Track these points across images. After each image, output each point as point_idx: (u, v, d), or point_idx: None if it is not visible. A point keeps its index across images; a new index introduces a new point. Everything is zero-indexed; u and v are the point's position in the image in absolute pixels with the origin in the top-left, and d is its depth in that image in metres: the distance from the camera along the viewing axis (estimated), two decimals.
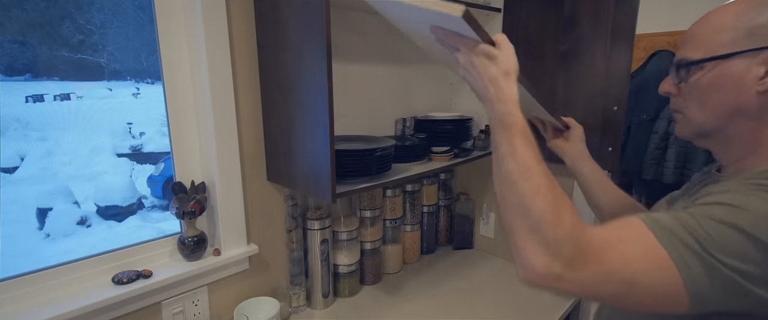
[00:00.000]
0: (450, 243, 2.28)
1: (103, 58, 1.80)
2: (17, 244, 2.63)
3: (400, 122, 1.88)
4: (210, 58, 1.32)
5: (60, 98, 2.08)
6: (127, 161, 3.51)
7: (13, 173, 2.72)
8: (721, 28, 0.76)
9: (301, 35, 1.24)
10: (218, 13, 1.32)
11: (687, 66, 0.81)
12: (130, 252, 1.37)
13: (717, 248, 0.64)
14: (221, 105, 1.37)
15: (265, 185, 1.56)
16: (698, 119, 0.82)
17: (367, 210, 1.80)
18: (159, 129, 2.96)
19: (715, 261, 0.63)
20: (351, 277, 1.75)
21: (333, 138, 1.23)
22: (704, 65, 0.78)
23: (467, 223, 2.22)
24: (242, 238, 1.51)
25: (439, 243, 2.26)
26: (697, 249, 0.64)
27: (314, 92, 1.23)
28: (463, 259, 2.12)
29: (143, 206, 3.44)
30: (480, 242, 2.23)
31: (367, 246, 1.82)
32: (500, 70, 0.81)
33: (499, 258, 2.12)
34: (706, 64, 0.78)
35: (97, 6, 1.63)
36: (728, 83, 0.75)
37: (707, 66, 0.78)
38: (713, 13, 0.79)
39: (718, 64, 0.76)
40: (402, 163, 1.66)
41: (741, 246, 0.63)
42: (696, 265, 0.64)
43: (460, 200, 2.19)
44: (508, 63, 0.82)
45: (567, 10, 1.62)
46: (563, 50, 1.66)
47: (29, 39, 1.52)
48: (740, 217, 0.65)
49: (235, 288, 1.55)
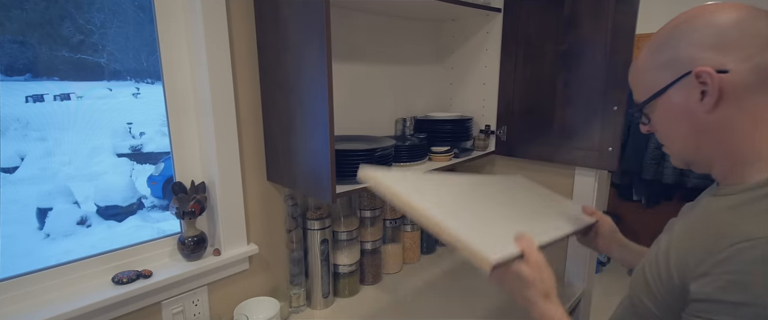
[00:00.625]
0: None
1: (103, 58, 1.80)
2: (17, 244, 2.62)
3: (400, 122, 1.88)
4: (210, 58, 1.32)
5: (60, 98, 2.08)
6: (127, 161, 3.50)
7: (13, 173, 2.72)
8: (643, 69, 0.84)
9: (302, 35, 1.24)
10: (218, 13, 1.32)
11: (639, 110, 0.87)
12: (130, 251, 1.37)
13: None
14: (221, 105, 1.37)
15: (265, 185, 1.56)
16: (677, 148, 0.85)
17: (367, 210, 1.80)
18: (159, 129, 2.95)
19: None
20: (351, 277, 1.75)
21: (333, 138, 1.23)
22: (650, 105, 0.83)
23: None
24: (242, 238, 1.51)
25: (439, 243, 2.26)
26: None
27: (314, 92, 1.23)
28: (463, 259, 2.12)
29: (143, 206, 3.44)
30: None
31: (367, 245, 1.82)
32: (539, 292, 0.86)
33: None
34: (649, 103, 0.83)
35: (97, 6, 1.63)
36: (678, 112, 0.79)
37: (652, 105, 0.83)
38: (635, 61, 0.87)
39: (658, 100, 0.81)
40: (402, 163, 1.66)
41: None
42: None
43: None
44: (544, 283, 0.86)
45: (567, 10, 1.62)
46: (563, 50, 1.66)
47: (29, 39, 1.51)
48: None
49: (235, 288, 1.55)
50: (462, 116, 1.92)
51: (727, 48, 0.71)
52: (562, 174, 1.82)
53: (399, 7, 1.66)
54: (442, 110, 2.16)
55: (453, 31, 2.06)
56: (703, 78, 0.72)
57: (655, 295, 0.78)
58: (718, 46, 0.72)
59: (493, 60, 1.89)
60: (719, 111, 0.74)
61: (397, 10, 1.74)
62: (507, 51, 1.84)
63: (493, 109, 1.93)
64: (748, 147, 0.74)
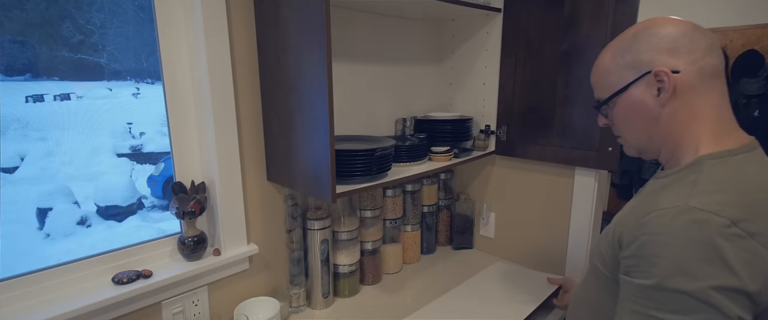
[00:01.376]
0: (450, 243, 2.27)
1: (103, 58, 1.80)
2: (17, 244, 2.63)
3: (400, 122, 1.88)
4: (210, 57, 1.32)
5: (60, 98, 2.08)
6: (127, 161, 3.51)
7: (14, 173, 2.72)
8: (607, 71, 0.98)
9: (302, 35, 1.24)
10: (218, 12, 1.32)
11: (600, 106, 1.02)
12: (130, 251, 1.37)
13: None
14: (221, 105, 1.37)
15: (265, 185, 1.56)
16: (632, 139, 1.01)
17: (367, 210, 1.80)
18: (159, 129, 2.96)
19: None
20: (351, 277, 1.75)
21: (333, 138, 1.23)
22: (611, 102, 0.98)
23: (467, 223, 2.22)
24: (242, 238, 1.51)
25: (439, 243, 2.26)
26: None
27: (314, 92, 1.23)
28: (463, 259, 2.12)
29: (143, 206, 3.44)
30: (480, 242, 2.23)
31: (368, 245, 1.82)
32: None
33: (499, 258, 2.12)
34: (611, 100, 0.98)
35: (97, 6, 1.63)
36: (637, 108, 0.94)
37: (613, 101, 0.98)
38: (598, 62, 1.01)
39: (620, 97, 0.96)
40: (402, 163, 1.66)
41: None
42: None
43: (460, 201, 2.19)
44: None
45: (567, 10, 1.62)
46: (563, 50, 1.66)
47: (29, 39, 1.51)
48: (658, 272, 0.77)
49: (235, 288, 1.55)
50: (462, 116, 1.92)
51: (679, 53, 0.87)
52: (562, 174, 1.82)
53: (399, 7, 1.66)
54: (442, 109, 2.16)
55: (453, 31, 2.06)
56: (661, 77, 0.87)
57: (605, 259, 0.95)
58: (672, 50, 0.87)
59: (493, 60, 1.89)
60: (669, 105, 0.89)
61: (397, 10, 1.74)
62: (507, 51, 1.84)
63: (493, 109, 1.92)
64: (686, 136, 0.90)
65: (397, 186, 1.91)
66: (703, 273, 0.71)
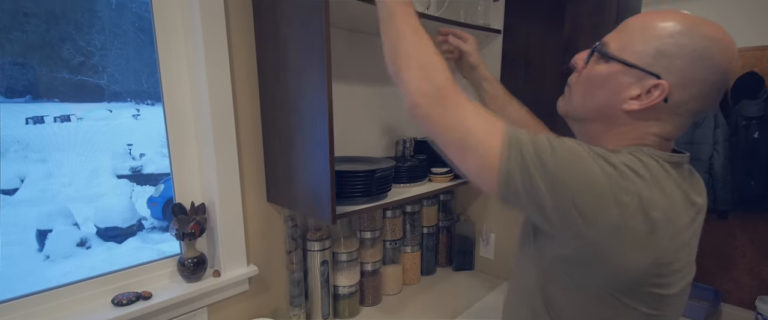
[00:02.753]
0: (450, 264, 2.26)
1: (104, 80, 1.80)
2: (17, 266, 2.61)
3: (400, 143, 1.87)
4: (210, 78, 1.32)
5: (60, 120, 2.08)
6: (127, 183, 3.50)
7: (13, 195, 2.72)
8: (644, 38, 0.81)
9: (302, 55, 1.24)
10: (218, 33, 1.33)
11: (602, 53, 0.87)
12: (130, 273, 1.37)
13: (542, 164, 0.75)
14: (221, 126, 1.37)
15: (265, 206, 1.56)
16: (576, 103, 0.94)
17: (367, 231, 1.79)
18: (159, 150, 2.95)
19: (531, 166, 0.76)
20: (351, 298, 1.73)
21: (333, 159, 1.23)
22: (610, 61, 0.84)
23: (467, 244, 2.21)
24: (242, 259, 1.50)
25: (439, 264, 2.24)
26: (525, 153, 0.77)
27: (314, 113, 1.23)
28: (463, 280, 2.11)
29: (143, 228, 3.42)
30: (480, 263, 2.22)
31: (367, 267, 1.81)
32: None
33: (500, 279, 2.10)
34: (612, 61, 0.84)
35: (97, 28, 1.64)
36: (612, 86, 0.84)
37: (610, 61, 0.85)
38: (652, 20, 0.81)
39: (616, 65, 0.83)
40: (402, 184, 1.66)
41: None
42: (516, 156, 0.77)
43: (460, 222, 2.18)
44: None
45: (567, 30, 1.63)
46: (564, 70, 1.66)
47: (30, 61, 1.52)
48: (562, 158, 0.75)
49: (235, 309, 1.53)
50: None
51: (693, 87, 0.78)
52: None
53: None
54: None
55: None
56: (655, 91, 0.79)
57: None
58: (694, 82, 0.77)
59: None
60: (633, 111, 0.82)
61: None
62: (507, 71, 1.84)
63: None
64: (611, 140, 0.86)
65: (396, 207, 1.90)
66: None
